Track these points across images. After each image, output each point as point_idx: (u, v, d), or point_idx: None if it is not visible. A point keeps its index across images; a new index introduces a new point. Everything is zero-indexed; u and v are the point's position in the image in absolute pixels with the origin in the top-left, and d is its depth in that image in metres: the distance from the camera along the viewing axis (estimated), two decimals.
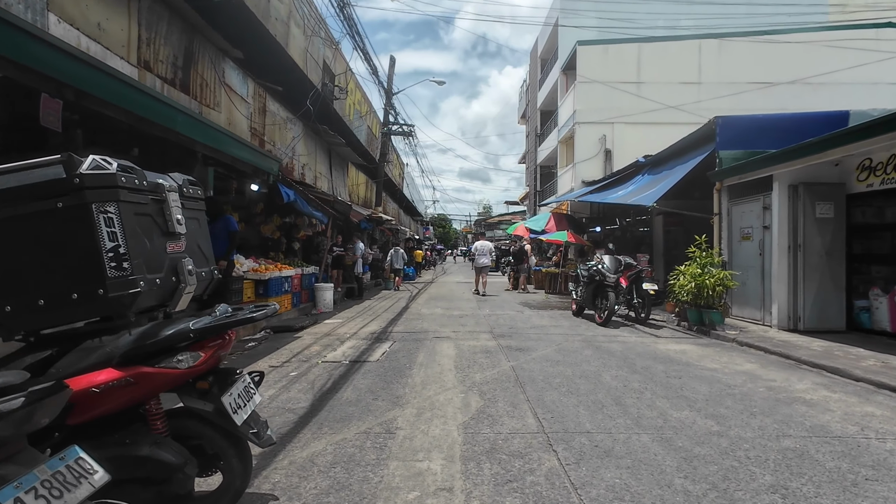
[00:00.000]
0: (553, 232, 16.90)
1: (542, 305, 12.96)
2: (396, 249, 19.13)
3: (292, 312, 10.38)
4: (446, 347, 7.17)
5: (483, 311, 11.66)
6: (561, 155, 24.41)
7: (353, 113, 17.67)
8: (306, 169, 12.81)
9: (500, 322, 9.78)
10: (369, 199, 21.71)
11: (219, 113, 8.49)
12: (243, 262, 9.06)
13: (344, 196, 16.20)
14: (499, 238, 47.44)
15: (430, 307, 12.42)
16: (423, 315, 10.89)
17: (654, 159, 14.21)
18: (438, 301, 13.90)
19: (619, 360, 6.37)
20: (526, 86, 40.28)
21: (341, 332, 8.67)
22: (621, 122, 21.07)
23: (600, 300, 9.47)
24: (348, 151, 15.70)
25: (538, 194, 29.26)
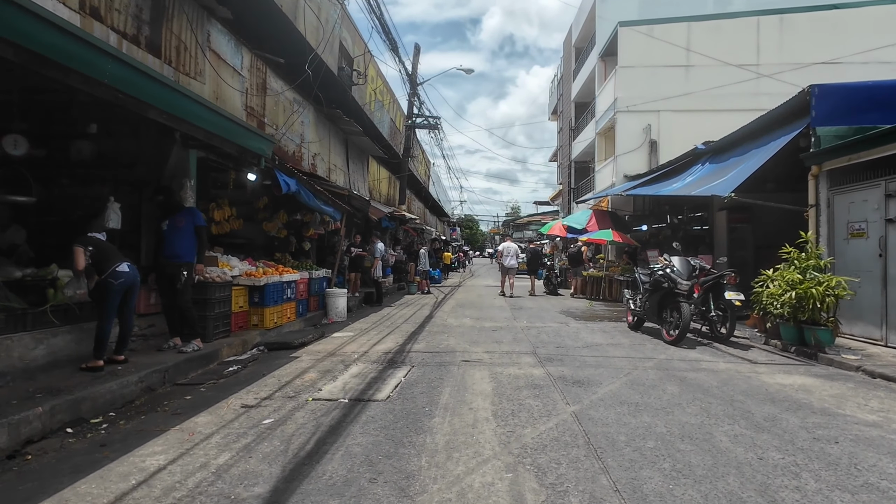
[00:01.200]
0: (595, 231, 14.96)
1: (587, 315, 11.06)
2: (425, 250, 17.88)
3: (296, 323, 8.79)
4: (479, 378, 5.41)
5: (520, 322, 9.85)
6: (599, 148, 22.35)
7: (375, 103, 16.11)
8: (318, 159, 11.26)
9: (543, 338, 7.97)
10: (392, 196, 20.12)
11: (202, 84, 6.95)
12: (233, 265, 7.50)
13: (363, 191, 14.63)
14: (529, 239, 45.38)
15: (458, 316, 10.68)
16: (450, 327, 9.15)
17: (716, 146, 12.15)
18: (467, 309, 12.14)
19: (723, 404, 4.50)
20: (557, 80, 38.22)
21: (349, 350, 7.01)
22: (668, 109, 18.91)
23: (669, 312, 7.55)
24: (367, 142, 14.11)
25: (572, 192, 27.20)
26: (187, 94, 5.15)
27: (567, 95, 29.29)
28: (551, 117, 41.50)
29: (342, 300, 10.26)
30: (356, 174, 14.42)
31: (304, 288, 9.33)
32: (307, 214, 10.50)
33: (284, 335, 7.85)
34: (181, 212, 6.09)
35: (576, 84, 26.87)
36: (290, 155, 9.77)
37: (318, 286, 10.18)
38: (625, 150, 19.09)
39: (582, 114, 26.37)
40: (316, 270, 10.09)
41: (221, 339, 6.70)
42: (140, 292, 6.06)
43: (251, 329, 7.59)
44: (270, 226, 9.90)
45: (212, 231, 8.43)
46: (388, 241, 18.58)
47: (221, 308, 6.73)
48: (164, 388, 5.09)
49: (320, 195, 9.22)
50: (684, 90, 18.83)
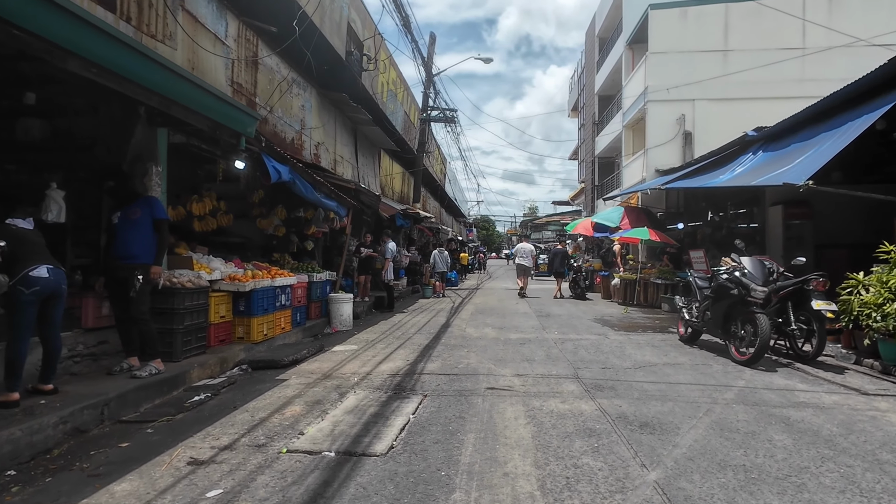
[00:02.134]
0: (628, 229, 13.49)
1: (626, 325, 9.63)
2: (440, 251, 17.02)
3: (292, 334, 7.55)
4: (512, 416, 4.08)
5: (550, 332, 8.48)
6: (626, 142, 20.80)
7: (387, 94, 14.88)
8: (322, 149, 10.04)
9: (582, 355, 6.59)
10: (406, 193, 18.88)
11: (172, 49, 5.76)
12: (214, 267, 6.28)
13: (373, 187, 13.40)
14: (556, 239, 43.84)
15: (478, 325, 9.34)
16: (469, 339, 7.83)
17: (771, 132, 10.60)
18: (487, 316, 10.80)
19: (870, 468, 3.09)
20: (577, 74, 36.68)
21: (348, 371, 5.74)
22: (704, 98, 17.35)
23: (739, 325, 6.11)
24: (378, 133, 12.88)
25: (596, 189, 25.65)
26: (133, 45, 3.91)
27: (590, 89, 27.76)
28: (571, 114, 39.96)
29: (347, 306, 9.01)
30: (366, 168, 13.19)
31: (302, 293, 8.09)
32: (309, 210, 9.28)
33: (275, 350, 6.61)
34: (136, 201, 4.88)
35: (599, 76, 25.34)
36: (287, 142, 8.57)
37: (320, 291, 8.94)
38: (656, 142, 17.56)
39: (606, 107, 24.84)
40: (318, 273, 8.85)
41: (194, 356, 5.48)
42: (88, 302, 4.87)
43: (235, 343, 6.36)
44: (266, 223, 8.69)
45: (195, 228, 7.24)
46: (401, 240, 17.33)
47: (194, 319, 5.50)
48: (100, 429, 3.87)
49: (321, 187, 7.98)
50: (722, 77, 17.27)
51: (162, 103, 4.30)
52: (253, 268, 7.09)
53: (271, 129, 8.03)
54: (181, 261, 5.88)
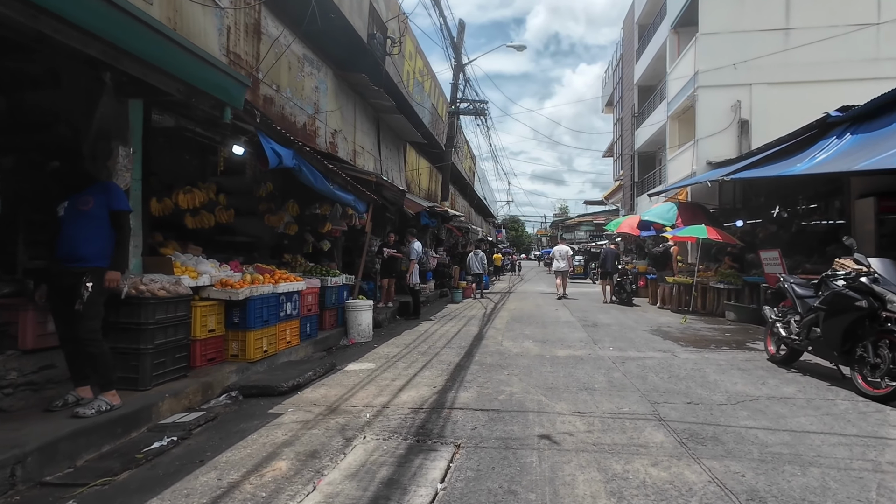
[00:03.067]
0: (683, 227, 11.94)
1: (691, 338, 8.15)
2: (476, 252, 16.41)
3: (301, 349, 6.40)
4: (588, 495, 2.76)
5: (604, 348, 7.09)
6: (671, 134, 19.09)
7: (414, 85, 13.71)
8: (339, 138, 8.91)
9: (654, 382, 5.21)
10: (433, 191, 17.69)
11: (147, 4, 4.67)
12: (202, 271, 5.17)
13: (398, 182, 12.23)
14: (580, 240, 42.02)
15: (516, 337, 8.03)
16: (508, 355, 6.53)
17: (862, 111, 8.94)
18: (525, 325, 9.46)
19: None
20: (613, 67, 34.86)
21: (361, 401, 4.53)
22: (762, 82, 15.59)
23: (870, 348, 4.61)
24: (403, 123, 11.71)
25: (636, 186, 23.90)
26: None
27: (628, 80, 26.03)
28: (605, 109, 38.10)
29: (366, 315, 7.83)
30: (390, 161, 12.04)
31: (313, 300, 6.95)
32: (324, 206, 8.15)
33: (276, 370, 5.46)
34: (89, 188, 3.78)
35: (639, 66, 23.62)
36: (298, 127, 7.46)
37: (335, 297, 7.80)
38: (707, 132, 15.85)
39: (647, 98, 23.11)
40: (333, 277, 7.71)
41: (170, 382, 4.36)
42: (27, 317, 3.80)
43: (227, 362, 5.24)
44: (275, 219, 7.60)
45: (187, 224, 6.18)
46: (428, 241, 16.14)
47: (170, 336, 4.38)
48: (7, 499, 2.76)
49: (335, 178, 6.82)
50: (783, 59, 15.44)
51: (106, 53, 3.18)
52: (253, 271, 5.97)
53: (278, 110, 6.93)
54: (158, 263, 4.79)
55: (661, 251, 12.74)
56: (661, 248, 13.02)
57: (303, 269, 7.86)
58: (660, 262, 12.06)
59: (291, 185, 7.26)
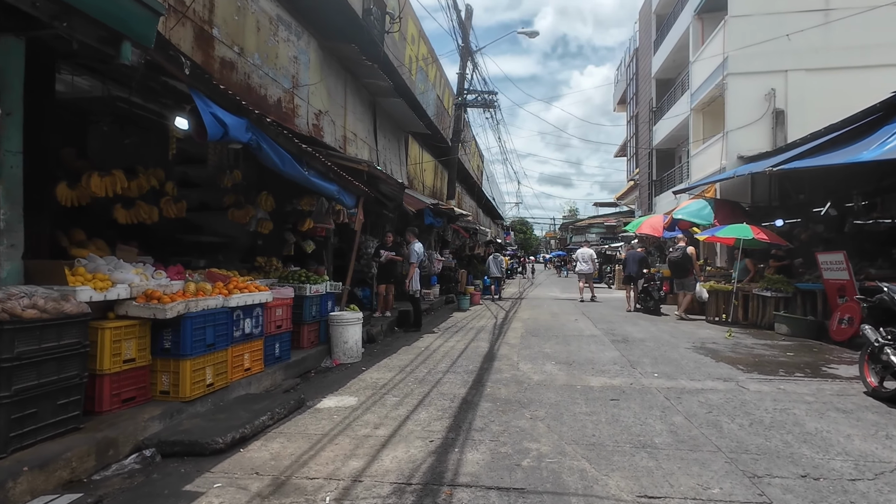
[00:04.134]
0: (720, 227, 10.42)
1: (748, 359, 6.65)
2: (495, 256, 16.37)
3: (264, 377, 5.00)
4: None
5: (645, 374, 5.61)
6: (695, 127, 17.57)
7: (417, 72, 12.31)
8: (324, 120, 7.53)
9: (732, 430, 3.75)
10: (439, 189, 16.29)
11: None
12: (118, 279, 3.79)
13: (399, 176, 10.83)
14: (591, 242, 40.41)
15: (535, 357, 6.58)
16: (528, 385, 5.09)
17: None
18: (544, 339, 8.00)
19: None
20: (625, 64, 33.36)
21: (322, 468, 3.11)
22: (799, 69, 14.05)
23: None
24: (403, 109, 10.32)
25: (654, 184, 22.34)
26: None
27: (645, 73, 24.51)
28: (617, 108, 36.56)
29: (354, 330, 6.42)
30: (388, 153, 10.65)
31: (284, 314, 5.54)
32: (305, 199, 6.76)
33: (220, 411, 4.05)
34: None
35: (657, 58, 22.10)
36: (270, 102, 6.08)
37: (316, 308, 6.40)
38: (738, 124, 14.31)
39: (666, 92, 21.59)
40: (314, 284, 6.30)
41: (46, 442, 2.98)
42: None
43: (154, 402, 3.85)
44: (240, 215, 6.23)
45: (118, 219, 4.82)
46: (433, 242, 14.73)
47: (47, 376, 3.00)
48: None
49: (312, 162, 5.43)
50: (823, 42, 13.92)
51: None
52: (201, 279, 4.59)
53: (241, 79, 5.56)
54: (46, 270, 3.41)
55: (680, 255, 10.83)
56: (679, 253, 11.08)
57: (278, 274, 6.48)
58: (680, 268, 10.41)
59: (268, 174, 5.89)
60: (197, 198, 7.07)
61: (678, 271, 10.81)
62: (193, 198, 7.08)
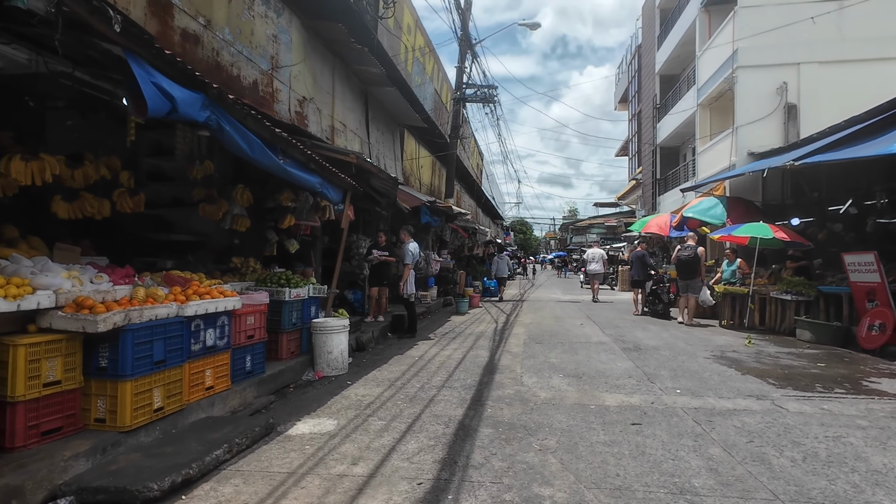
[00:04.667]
0: (736, 226, 9.74)
1: (777, 371, 5.98)
2: (501, 256, 16.58)
3: (232, 395, 4.32)
4: None
5: (668, 391, 4.93)
6: (701, 124, 16.91)
7: (413, 64, 11.64)
8: (309, 108, 6.86)
9: (784, 468, 3.08)
10: (437, 187, 15.63)
11: None
12: (39, 284, 3.11)
13: (393, 172, 10.15)
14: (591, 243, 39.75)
15: (541, 368, 5.90)
16: (535, 405, 4.42)
17: None
18: (549, 347, 7.33)
19: None
20: (627, 62, 32.75)
21: None
22: (813, 61, 13.40)
23: None
24: (397, 100, 9.66)
25: (657, 183, 21.67)
26: None
27: (648, 70, 23.85)
28: (618, 106, 35.93)
29: (339, 339, 5.74)
30: (382, 146, 9.98)
31: (258, 321, 4.86)
32: (285, 193, 6.08)
33: (170, 442, 3.36)
34: None
35: (661, 53, 21.45)
36: (245, 84, 5.41)
37: (297, 314, 5.72)
38: (748, 119, 13.66)
39: (670, 88, 20.93)
40: (295, 287, 5.63)
41: None
42: None
43: (86, 432, 3.18)
44: (212, 210, 5.55)
45: (58, 213, 4.14)
46: (431, 242, 14.05)
47: None
48: None
49: (288, 149, 4.75)
50: (836, 33, 13.30)
51: None
52: (154, 282, 3.92)
53: (209, 55, 4.89)
54: None
55: (692, 255, 10.01)
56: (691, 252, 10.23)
57: (256, 276, 5.81)
58: (689, 269, 9.64)
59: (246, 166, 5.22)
60: (169, 193, 6.42)
61: (686, 272, 10.05)
62: (165, 193, 6.44)
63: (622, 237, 26.40)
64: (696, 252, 9.91)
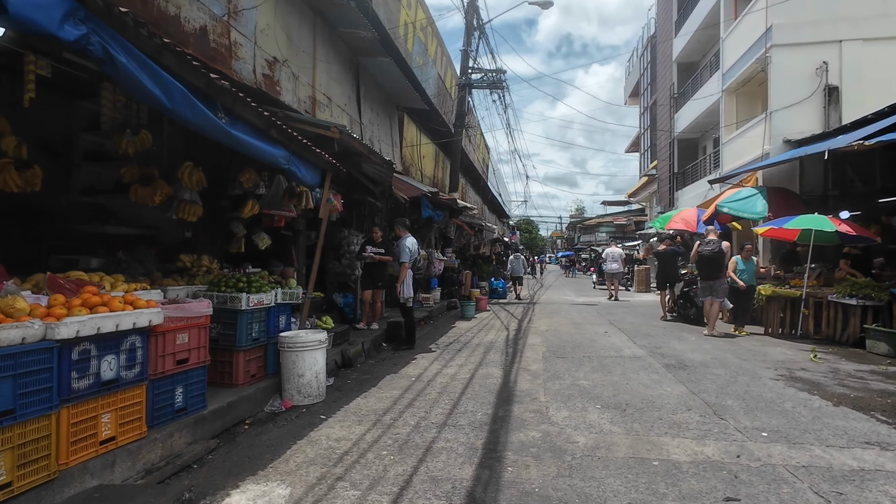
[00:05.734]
0: (788, 218, 8.37)
1: (877, 399, 4.65)
2: (517, 256, 16.16)
3: (151, 445, 3.03)
4: None
5: (753, 437, 3.61)
6: (727, 112, 15.50)
7: (414, 43, 10.35)
8: (280, 71, 5.58)
9: None
10: (440, 179, 14.34)
11: None
12: None
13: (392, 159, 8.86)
14: (600, 243, 38.36)
15: (569, 395, 4.60)
16: (571, 459, 3.12)
17: None
18: (575, 364, 6.02)
19: None
20: (638, 54, 31.33)
21: None
22: (856, 38, 12.03)
23: None
24: (393, 74, 8.38)
25: (675, 178, 20.25)
26: None
27: (664, 58, 22.43)
28: (629, 100, 34.49)
29: (313, 358, 4.46)
30: (377, 130, 8.70)
31: (196, 340, 3.57)
32: (247, 172, 4.81)
33: None
34: None
35: (679, 40, 20.03)
36: (188, 31, 4.14)
37: (260, 327, 4.45)
38: (784, 103, 12.27)
39: (689, 77, 19.53)
40: (257, 293, 4.36)
41: None
42: None
43: None
44: (146, 193, 4.28)
45: None
46: (434, 239, 12.76)
47: None
48: None
49: (236, 108, 3.48)
50: (882, 8, 11.97)
51: None
52: (16, 289, 2.66)
53: None
54: None
55: (715, 250, 8.44)
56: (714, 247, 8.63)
57: (207, 279, 4.56)
58: (713, 267, 8.16)
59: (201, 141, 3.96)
60: (113, 176, 5.17)
61: (710, 270, 8.49)
62: (109, 176, 5.19)
63: (637, 235, 24.98)
64: (719, 247, 8.41)
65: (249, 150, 3.74)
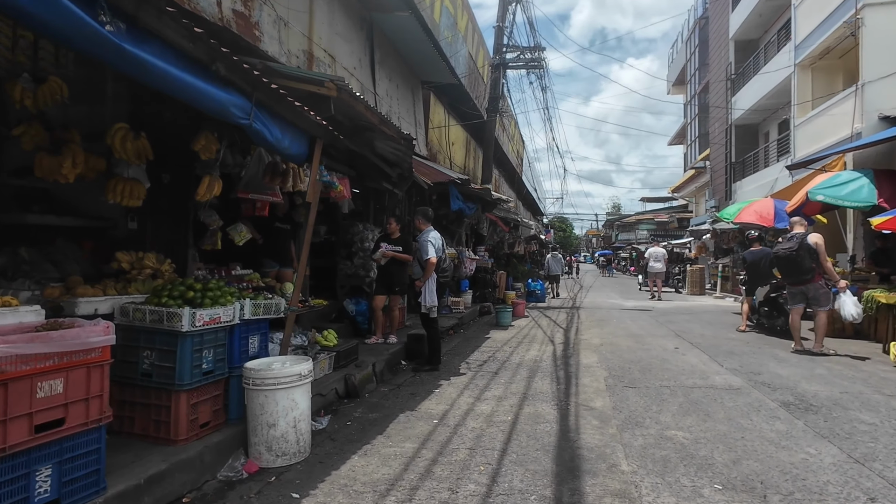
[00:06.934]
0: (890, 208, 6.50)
1: None
2: (554, 255, 15.77)
3: None
4: None
5: None
6: (800, 89, 13.40)
7: (442, 14, 8.93)
8: (262, 12, 4.23)
9: None
10: (472, 170, 12.87)
11: None
12: None
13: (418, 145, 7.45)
14: (640, 241, 36.05)
15: (666, 460, 3.06)
16: None
17: None
18: (653, 399, 4.45)
19: None
20: (683, 39, 29.00)
21: None
22: None
23: None
24: (416, 37, 6.93)
25: (732, 168, 18.08)
26: None
27: (719, 37, 20.20)
28: (673, 90, 32.11)
29: (291, 399, 3.07)
30: (397, 105, 7.31)
31: (87, 384, 2.23)
32: (203, 137, 3.49)
33: None
34: None
35: (736, 15, 17.88)
36: None
37: (215, 354, 3.11)
38: (879, 73, 10.26)
39: (749, 56, 17.37)
40: (206, 308, 3.02)
41: None
42: None
43: None
44: (49, 164, 2.98)
45: None
46: (465, 236, 11.30)
47: None
48: None
49: (151, 21, 2.14)
50: None
51: None
52: None
53: None
54: None
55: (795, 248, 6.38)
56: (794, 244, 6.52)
57: (149, 286, 3.25)
58: (797, 269, 6.18)
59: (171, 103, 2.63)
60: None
61: (791, 272, 6.57)
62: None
63: (688, 232, 22.79)
64: (802, 243, 6.45)
65: (175, 89, 2.37)
